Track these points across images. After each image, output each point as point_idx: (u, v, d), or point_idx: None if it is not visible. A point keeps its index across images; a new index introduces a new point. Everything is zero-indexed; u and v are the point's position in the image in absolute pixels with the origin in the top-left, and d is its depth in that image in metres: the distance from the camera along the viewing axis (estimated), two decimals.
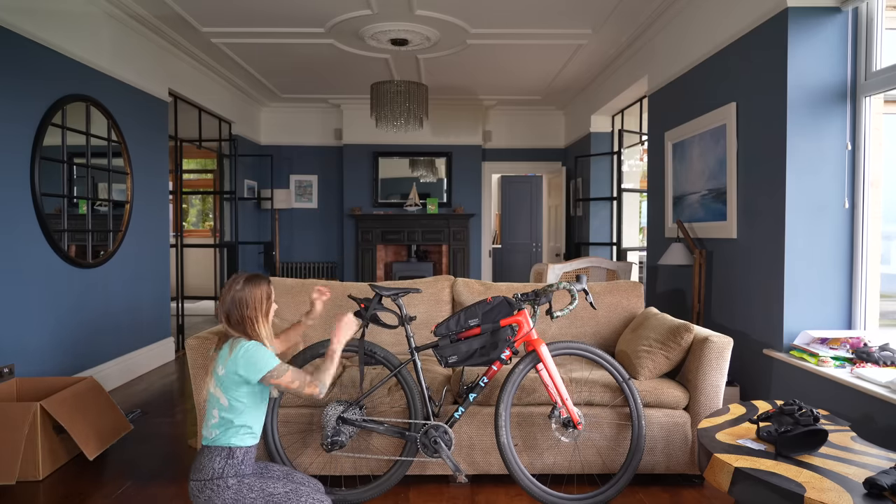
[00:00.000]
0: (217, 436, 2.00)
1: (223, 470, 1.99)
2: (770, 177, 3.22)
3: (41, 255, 3.67)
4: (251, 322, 2.03)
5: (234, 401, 1.99)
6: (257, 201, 7.87)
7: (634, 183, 6.96)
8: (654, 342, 2.77)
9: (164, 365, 5.14)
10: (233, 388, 1.98)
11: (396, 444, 2.65)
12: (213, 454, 1.99)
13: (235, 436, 2.01)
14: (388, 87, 5.48)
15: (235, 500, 1.97)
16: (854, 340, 2.89)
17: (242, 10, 4.64)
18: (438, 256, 8.11)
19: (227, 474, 1.99)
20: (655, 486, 2.73)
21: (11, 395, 3.21)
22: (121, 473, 2.89)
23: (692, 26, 4.17)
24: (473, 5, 4.56)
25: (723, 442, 2.00)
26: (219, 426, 2.00)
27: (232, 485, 1.98)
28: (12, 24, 3.40)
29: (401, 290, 2.57)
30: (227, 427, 2.00)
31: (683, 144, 4.30)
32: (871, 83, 2.93)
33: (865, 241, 3.01)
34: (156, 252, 5.07)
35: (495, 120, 8.21)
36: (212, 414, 2.02)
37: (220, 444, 2.00)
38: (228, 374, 1.98)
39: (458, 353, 2.50)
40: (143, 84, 4.84)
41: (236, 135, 7.08)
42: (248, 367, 1.97)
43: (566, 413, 2.48)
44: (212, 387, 2.02)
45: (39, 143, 3.60)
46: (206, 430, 2.03)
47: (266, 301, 2.07)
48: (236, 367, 1.97)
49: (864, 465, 1.81)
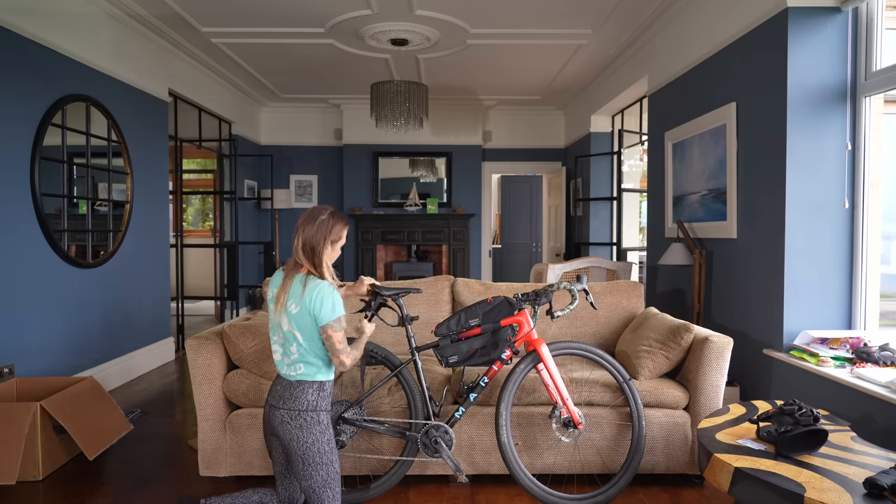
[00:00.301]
0: (304, 372, 2.03)
1: (317, 403, 2.03)
2: (770, 177, 3.22)
3: (41, 255, 3.67)
4: (320, 256, 2.03)
5: (311, 338, 2.01)
6: (257, 201, 7.87)
7: (634, 183, 6.96)
8: (654, 342, 2.77)
9: (164, 365, 5.14)
10: (307, 326, 2.00)
11: (397, 444, 2.65)
12: (306, 387, 2.02)
13: (320, 371, 2.04)
14: (388, 87, 5.48)
15: (322, 434, 2.02)
16: (854, 340, 2.89)
17: (242, 10, 4.64)
18: (438, 256, 8.11)
19: (320, 407, 2.04)
20: (655, 486, 2.73)
21: (11, 395, 3.21)
22: (121, 473, 2.89)
23: (692, 26, 4.17)
24: (473, 5, 4.56)
25: (723, 442, 2.00)
26: (301, 361, 2.02)
27: (323, 419, 2.04)
28: (12, 24, 3.40)
29: (401, 289, 2.57)
30: (310, 363, 2.02)
31: (683, 144, 4.30)
32: (871, 83, 2.93)
33: (865, 241, 3.01)
34: (156, 252, 5.07)
35: (495, 120, 8.21)
36: (289, 351, 2.03)
37: (310, 379, 2.03)
38: (303, 313, 1.99)
39: (459, 353, 2.50)
40: (143, 84, 4.84)
41: (236, 135, 7.09)
42: (324, 308, 1.97)
43: (567, 413, 2.48)
44: (285, 324, 2.02)
45: (39, 143, 3.60)
46: (285, 367, 2.04)
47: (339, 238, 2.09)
48: (311, 307, 1.98)
49: (864, 465, 1.81)
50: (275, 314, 2.04)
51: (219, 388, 2.67)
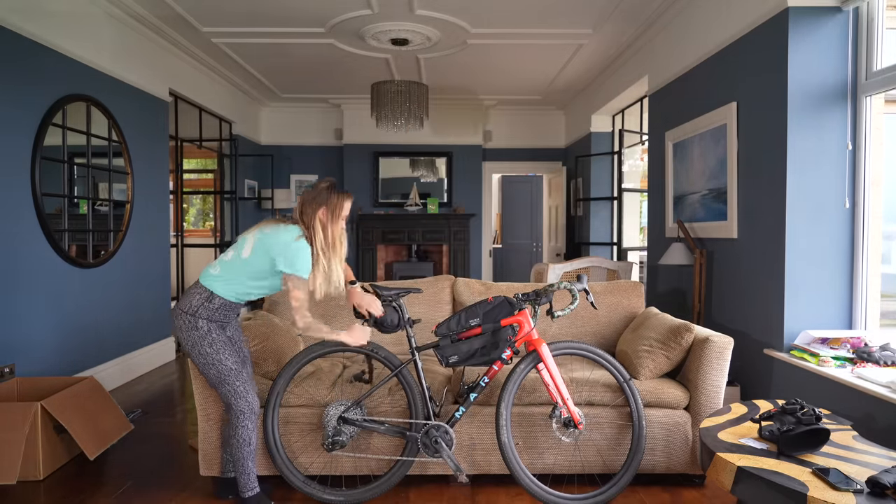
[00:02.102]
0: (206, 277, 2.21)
1: (198, 309, 2.19)
2: (771, 176, 3.22)
3: (42, 254, 3.67)
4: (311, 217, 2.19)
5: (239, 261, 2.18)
6: (258, 201, 7.87)
7: (635, 183, 6.96)
8: (654, 342, 2.77)
9: (164, 365, 5.14)
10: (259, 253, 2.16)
11: (397, 444, 2.65)
12: (197, 292, 2.20)
13: (223, 287, 2.20)
14: (389, 87, 5.48)
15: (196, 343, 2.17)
16: (854, 340, 2.89)
17: (243, 10, 4.64)
18: (439, 256, 8.11)
19: (200, 315, 2.19)
20: (656, 486, 2.73)
21: (12, 395, 3.21)
22: (121, 473, 2.89)
23: (692, 26, 4.17)
24: (474, 5, 4.55)
25: (725, 441, 2.00)
26: (220, 264, 2.22)
27: (201, 326, 2.18)
28: (12, 24, 3.39)
29: (402, 290, 2.57)
30: (217, 278, 2.19)
31: (684, 144, 4.30)
32: (872, 83, 2.93)
33: (866, 241, 3.01)
34: (156, 252, 5.07)
35: (496, 120, 8.21)
36: (227, 253, 2.25)
37: (206, 284, 2.20)
38: (260, 244, 2.16)
39: (459, 353, 2.50)
40: (144, 84, 4.84)
41: (237, 135, 7.09)
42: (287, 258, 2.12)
43: (567, 413, 2.48)
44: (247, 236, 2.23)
45: (40, 143, 3.60)
46: (204, 271, 2.24)
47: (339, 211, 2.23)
48: (272, 251, 2.14)
49: (867, 465, 1.81)
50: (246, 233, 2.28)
51: None
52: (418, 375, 2.54)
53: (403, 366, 2.55)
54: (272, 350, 2.72)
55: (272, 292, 2.35)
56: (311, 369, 2.80)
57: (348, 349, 2.55)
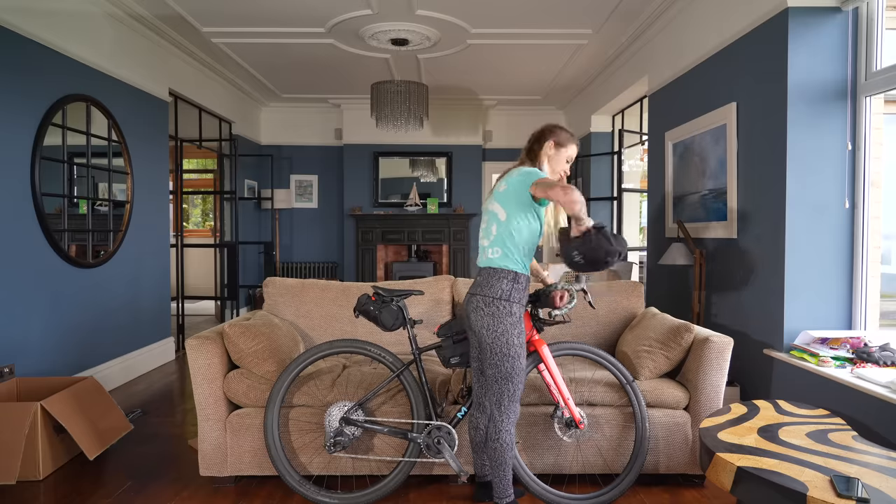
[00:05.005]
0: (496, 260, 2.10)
1: (511, 293, 2.08)
2: (770, 177, 3.22)
3: (41, 254, 3.67)
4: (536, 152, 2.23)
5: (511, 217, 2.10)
6: (257, 201, 7.87)
7: (634, 183, 6.97)
8: (654, 342, 2.77)
9: (164, 365, 5.14)
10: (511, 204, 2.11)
11: (398, 445, 2.65)
12: (501, 276, 2.08)
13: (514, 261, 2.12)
14: (389, 87, 5.48)
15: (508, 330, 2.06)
16: (854, 340, 2.89)
17: (242, 10, 4.64)
18: (439, 256, 8.11)
19: (513, 299, 2.08)
20: (656, 486, 2.73)
21: (11, 395, 3.21)
22: (121, 473, 2.88)
23: (692, 26, 4.18)
24: (474, 5, 4.56)
25: (725, 441, 2.00)
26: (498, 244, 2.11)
27: (515, 312, 2.08)
28: (12, 24, 3.39)
29: (403, 292, 2.57)
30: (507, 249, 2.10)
31: (684, 144, 4.30)
32: (872, 83, 2.93)
33: (866, 241, 3.01)
34: (156, 252, 5.06)
35: (495, 120, 8.21)
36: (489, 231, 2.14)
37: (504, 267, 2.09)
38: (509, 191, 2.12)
39: (460, 354, 2.50)
40: (144, 84, 4.83)
41: (236, 135, 7.08)
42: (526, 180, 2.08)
43: (568, 413, 2.48)
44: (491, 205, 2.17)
45: (40, 143, 3.60)
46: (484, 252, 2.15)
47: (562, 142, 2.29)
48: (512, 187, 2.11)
49: (866, 465, 1.81)
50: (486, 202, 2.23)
51: (219, 388, 2.67)
52: (420, 376, 2.54)
53: (405, 367, 2.55)
54: (272, 350, 2.72)
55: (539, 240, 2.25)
56: (312, 370, 2.80)
57: (348, 350, 2.56)
